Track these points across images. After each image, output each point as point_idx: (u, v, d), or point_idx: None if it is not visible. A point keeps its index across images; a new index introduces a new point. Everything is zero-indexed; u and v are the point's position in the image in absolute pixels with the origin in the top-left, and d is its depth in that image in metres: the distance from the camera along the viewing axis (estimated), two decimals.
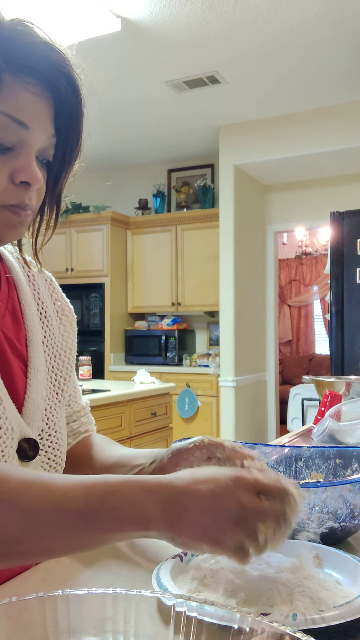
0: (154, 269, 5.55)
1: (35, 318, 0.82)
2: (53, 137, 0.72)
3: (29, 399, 0.76)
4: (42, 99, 0.69)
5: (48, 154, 0.72)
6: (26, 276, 0.86)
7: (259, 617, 0.42)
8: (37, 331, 0.81)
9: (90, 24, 3.20)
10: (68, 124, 0.73)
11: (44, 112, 0.69)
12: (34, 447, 0.73)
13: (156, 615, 0.46)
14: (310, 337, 8.93)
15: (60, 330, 0.87)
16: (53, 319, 0.87)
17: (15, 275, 0.83)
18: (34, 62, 0.67)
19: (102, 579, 0.64)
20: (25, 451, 0.72)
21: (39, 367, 0.79)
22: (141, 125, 4.84)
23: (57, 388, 0.83)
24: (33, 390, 0.76)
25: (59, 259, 5.63)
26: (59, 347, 0.86)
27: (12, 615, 0.43)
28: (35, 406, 0.76)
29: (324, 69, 3.85)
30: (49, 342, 0.84)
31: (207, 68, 3.84)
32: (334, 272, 3.82)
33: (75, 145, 0.76)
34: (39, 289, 0.87)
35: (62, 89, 0.70)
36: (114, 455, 0.84)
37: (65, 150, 0.75)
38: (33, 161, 0.68)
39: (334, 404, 1.58)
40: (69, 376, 0.86)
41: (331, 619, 0.50)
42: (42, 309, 0.85)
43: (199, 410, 5.01)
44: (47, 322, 0.85)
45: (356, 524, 0.74)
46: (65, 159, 0.75)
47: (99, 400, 2.97)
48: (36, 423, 0.76)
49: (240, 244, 4.91)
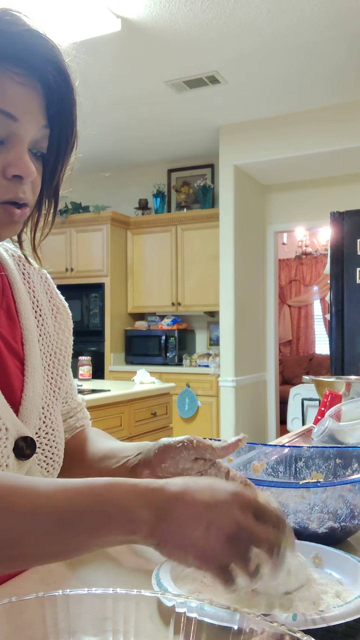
0: (154, 269, 5.55)
1: (30, 316, 0.81)
2: (45, 128, 0.70)
3: (26, 397, 0.75)
4: (30, 89, 0.66)
5: (42, 145, 0.70)
6: (21, 274, 0.85)
7: (259, 617, 0.42)
8: (32, 329, 0.81)
9: (90, 23, 3.20)
10: (60, 113, 0.71)
11: (34, 102, 0.67)
12: (30, 446, 0.73)
13: (156, 615, 0.46)
14: (310, 337, 8.93)
15: (56, 328, 0.87)
16: (48, 316, 0.86)
17: (10, 273, 0.82)
18: (19, 51, 0.65)
19: (102, 579, 0.64)
20: (22, 450, 0.71)
21: (35, 366, 0.78)
22: (141, 125, 4.84)
23: (54, 386, 0.82)
24: (30, 389, 0.76)
25: (58, 259, 5.63)
26: (54, 344, 0.85)
27: (12, 615, 0.43)
28: (32, 404, 0.75)
29: (324, 69, 3.85)
30: (45, 340, 0.83)
31: (207, 68, 3.84)
32: (334, 272, 3.82)
33: (70, 135, 0.73)
34: (35, 287, 0.86)
35: (50, 77, 0.68)
36: (103, 449, 0.83)
37: (60, 140, 0.73)
38: (25, 154, 0.67)
39: (334, 404, 1.58)
40: (65, 374, 0.86)
41: (331, 619, 0.50)
42: (38, 306, 0.84)
43: (199, 410, 5.01)
44: (42, 320, 0.84)
45: (356, 524, 0.74)
46: (60, 150, 0.73)
47: (99, 400, 2.97)
48: (33, 421, 0.75)
49: (240, 244, 4.91)
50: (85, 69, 0.75)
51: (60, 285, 0.94)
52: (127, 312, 5.74)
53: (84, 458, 0.85)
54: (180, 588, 0.59)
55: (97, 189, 6.10)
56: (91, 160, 5.73)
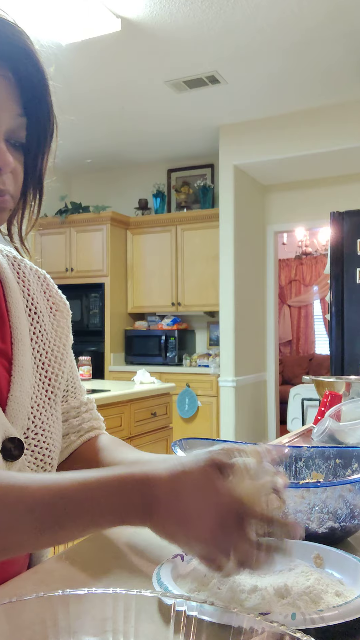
0: (154, 269, 5.55)
1: (22, 315, 0.80)
2: (21, 117, 0.68)
3: (12, 397, 0.74)
4: (0, 77, 0.65)
5: (19, 135, 0.69)
6: (15, 273, 0.84)
7: (259, 617, 0.42)
8: (23, 328, 0.79)
9: (90, 23, 3.20)
10: (35, 100, 0.69)
11: (4, 90, 0.65)
12: (19, 447, 0.72)
13: (156, 615, 0.46)
14: (310, 337, 8.93)
15: (54, 326, 0.86)
16: (45, 315, 0.85)
17: (2, 272, 0.82)
18: None
19: (102, 579, 0.64)
20: (10, 451, 0.70)
21: (24, 365, 0.77)
22: (141, 125, 4.84)
23: (48, 385, 0.81)
24: (17, 389, 0.74)
25: (58, 259, 5.63)
26: (51, 343, 0.84)
27: (12, 615, 0.43)
28: (19, 404, 0.74)
29: (324, 68, 3.85)
30: (39, 338, 0.82)
31: (207, 68, 3.84)
32: (334, 272, 3.82)
33: (47, 122, 0.71)
34: (30, 285, 0.85)
35: (20, 64, 0.66)
36: (124, 459, 0.81)
37: (38, 128, 0.71)
38: (1, 144, 0.65)
39: (334, 404, 1.58)
40: (62, 372, 0.84)
41: (330, 619, 0.50)
42: (32, 305, 0.83)
43: (199, 410, 5.01)
44: (36, 319, 0.83)
45: (356, 524, 0.74)
46: (40, 138, 0.72)
47: (99, 400, 2.97)
48: (21, 421, 0.74)
49: (240, 244, 4.91)
50: (85, 68, 0.75)
51: (60, 285, 0.94)
52: (127, 312, 5.74)
53: (99, 466, 0.82)
54: (181, 587, 0.59)
55: (97, 189, 6.10)
56: (91, 160, 5.73)
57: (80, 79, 3.93)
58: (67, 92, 4.14)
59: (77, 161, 5.74)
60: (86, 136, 5.08)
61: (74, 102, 4.33)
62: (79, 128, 4.88)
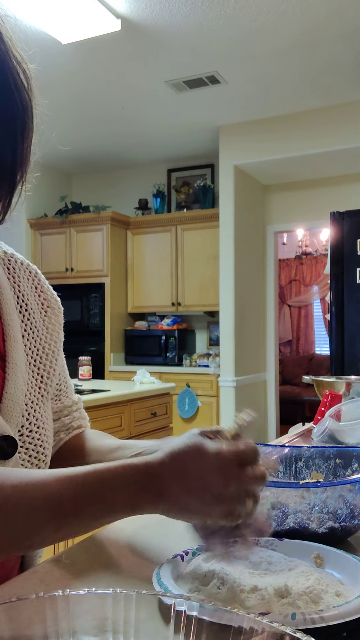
0: (154, 269, 5.55)
1: (13, 312, 0.79)
2: None
3: (6, 395, 0.73)
4: None
5: None
6: (5, 269, 0.83)
7: (259, 617, 0.42)
8: (15, 325, 0.79)
9: (90, 23, 3.20)
10: None
11: None
12: (12, 445, 0.71)
13: (156, 615, 0.46)
14: (310, 337, 8.93)
15: (45, 323, 0.85)
16: (36, 311, 0.84)
17: None
18: None
19: (102, 579, 0.64)
20: (3, 449, 0.70)
21: (17, 362, 0.76)
22: (141, 125, 4.84)
23: (40, 382, 0.81)
24: (11, 386, 0.74)
25: (59, 259, 5.63)
26: (42, 340, 0.83)
27: (12, 615, 0.43)
28: (13, 402, 0.73)
29: (324, 69, 3.85)
30: (30, 335, 0.82)
31: (207, 68, 3.84)
32: (334, 272, 3.82)
33: (15, 106, 0.62)
34: (20, 282, 0.84)
35: None
36: (115, 442, 0.84)
37: (6, 114, 0.62)
38: None
39: (334, 404, 1.58)
40: (54, 369, 0.84)
41: (330, 619, 0.50)
42: (23, 301, 0.82)
43: (199, 410, 5.01)
44: (27, 316, 0.82)
45: (356, 524, 0.74)
46: (9, 124, 0.63)
47: (99, 400, 2.97)
48: (15, 419, 0.73)
49: (240, 244, 4.91)
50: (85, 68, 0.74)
51: (60, 285, 0.94)
52: (127, 312, 5.74)
53: (86, 457, 0.84)
54: (181, 587, 0.59)
55: (97, 189, 6.10)
56: (91, 160, 5.73)
57: (80, 78, 3.92)
58: (67, 92, 4.14)
59: (77, 161, 5.74)
60: (86, 136, 5.08)
61: (74, 101, 4.33)
62: (79, 128, 4.88)
